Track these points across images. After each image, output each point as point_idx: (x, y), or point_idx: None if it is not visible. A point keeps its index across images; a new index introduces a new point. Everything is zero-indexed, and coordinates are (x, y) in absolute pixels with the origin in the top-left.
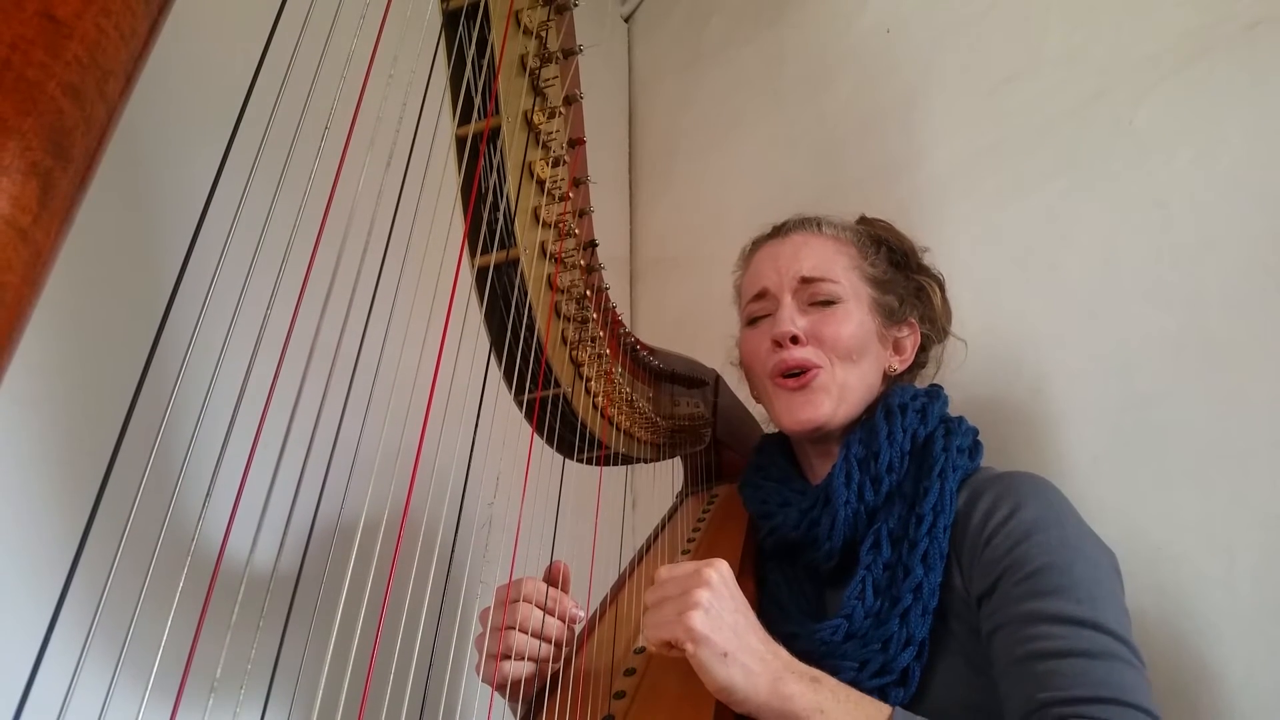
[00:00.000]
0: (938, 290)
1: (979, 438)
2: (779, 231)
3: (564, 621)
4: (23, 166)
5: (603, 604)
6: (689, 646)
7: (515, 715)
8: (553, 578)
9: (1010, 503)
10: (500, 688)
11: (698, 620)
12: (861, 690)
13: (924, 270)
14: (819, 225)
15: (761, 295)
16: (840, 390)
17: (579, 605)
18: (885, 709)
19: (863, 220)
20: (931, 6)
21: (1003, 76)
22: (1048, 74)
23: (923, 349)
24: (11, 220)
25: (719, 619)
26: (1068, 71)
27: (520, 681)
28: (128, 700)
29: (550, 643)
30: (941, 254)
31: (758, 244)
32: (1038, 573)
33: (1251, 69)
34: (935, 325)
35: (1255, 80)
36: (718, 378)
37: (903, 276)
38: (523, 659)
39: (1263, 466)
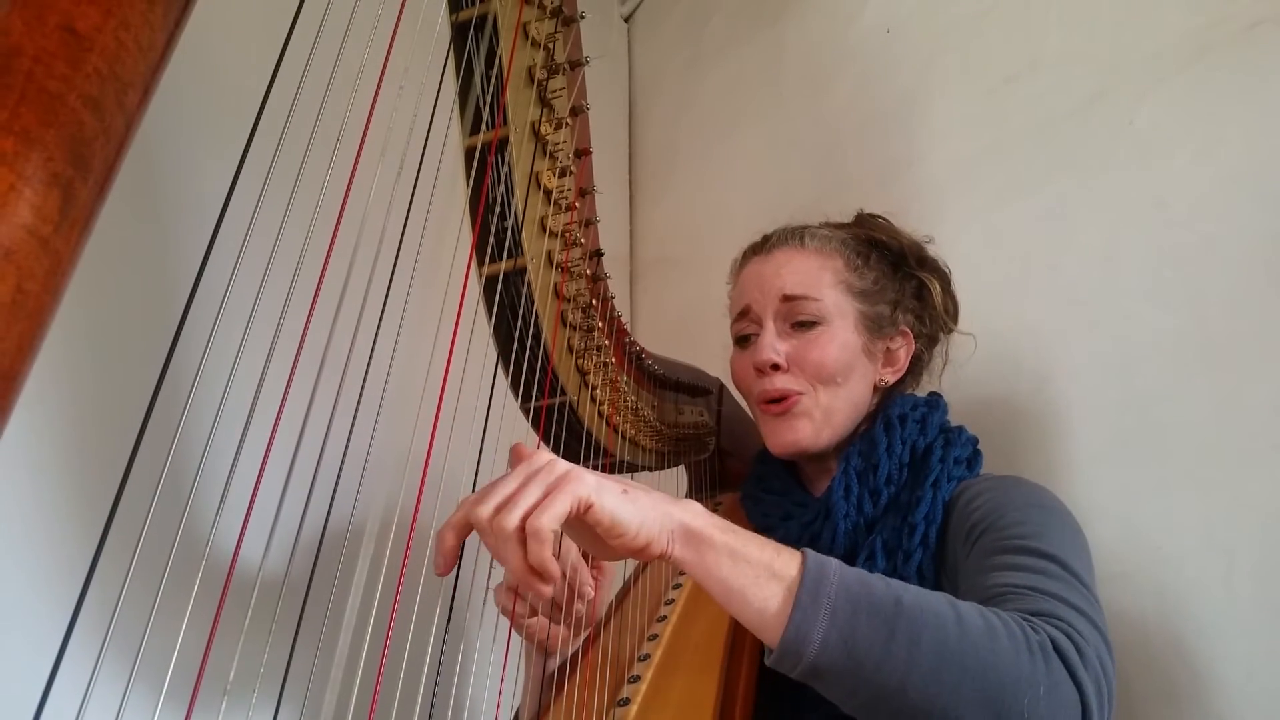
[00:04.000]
0: (938, 286)
1: (979, 447)
2: (764, 245)
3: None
4: (45, 177)
5: (607, 611)
6: (591, 498)
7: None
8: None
9: (993, 490)
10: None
11: (584, 473)
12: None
13: (925, 265)
14: (803, 238)
15: (745, 313)
16: (824, 414)
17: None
18: (795, 551)
19: (859, 218)
20: (931, 6)
21: (1003, 76)
22: (1048, 74)
23: (919, 352)
24: (34, 230)
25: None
26: (1068, 71)
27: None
28: (143, 705)
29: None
30: (941, 254)
31: (746, 257)
32: (1004, 526)
33: (1251, 69)
34: (936, 323)
35: (1255, 80)
36: (721, 386)
37: (898, 278)
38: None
39: (1263, 467)
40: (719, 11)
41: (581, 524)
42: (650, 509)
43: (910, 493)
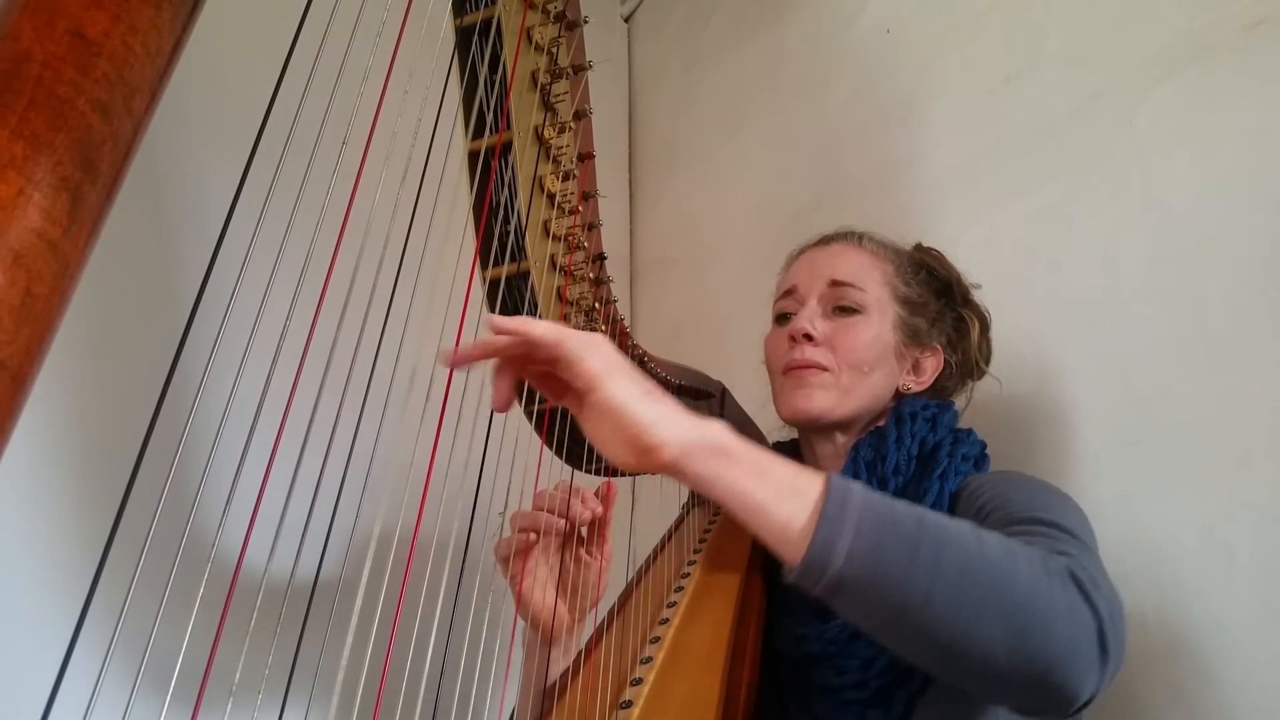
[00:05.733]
0: (977, 326)
1: (987, 450)
2: (823, 240)
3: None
4: (54, 181)
5: (610, 613)
6: (592, 381)
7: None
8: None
9: (996, 480)
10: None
11: (608, 358)
12: (866, 690)
13: (969, 305)
14: (861, 239)
15: (790, 292)
16: (841, 393)
17: (596, 502)
18: (817, 471)
19: (916, 246)
20: (931, 6)
21: (1003, 76)
22: (1048, 74)
23: (946, 376)
24: (42, 233)
25: (632, 371)
26: (1068, 71)
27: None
28: (150, 704)
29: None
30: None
31: (802, 249)
32: (1012, 504)
33: (1251, 69)
34: (968, 358)
35: (1255, 80)
36: (724, 390)
37: (941, 305)
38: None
39: (1263, 466)
40: (719, 12)
41: (595, 414)
42: (672, 415)
43: (918, 485)
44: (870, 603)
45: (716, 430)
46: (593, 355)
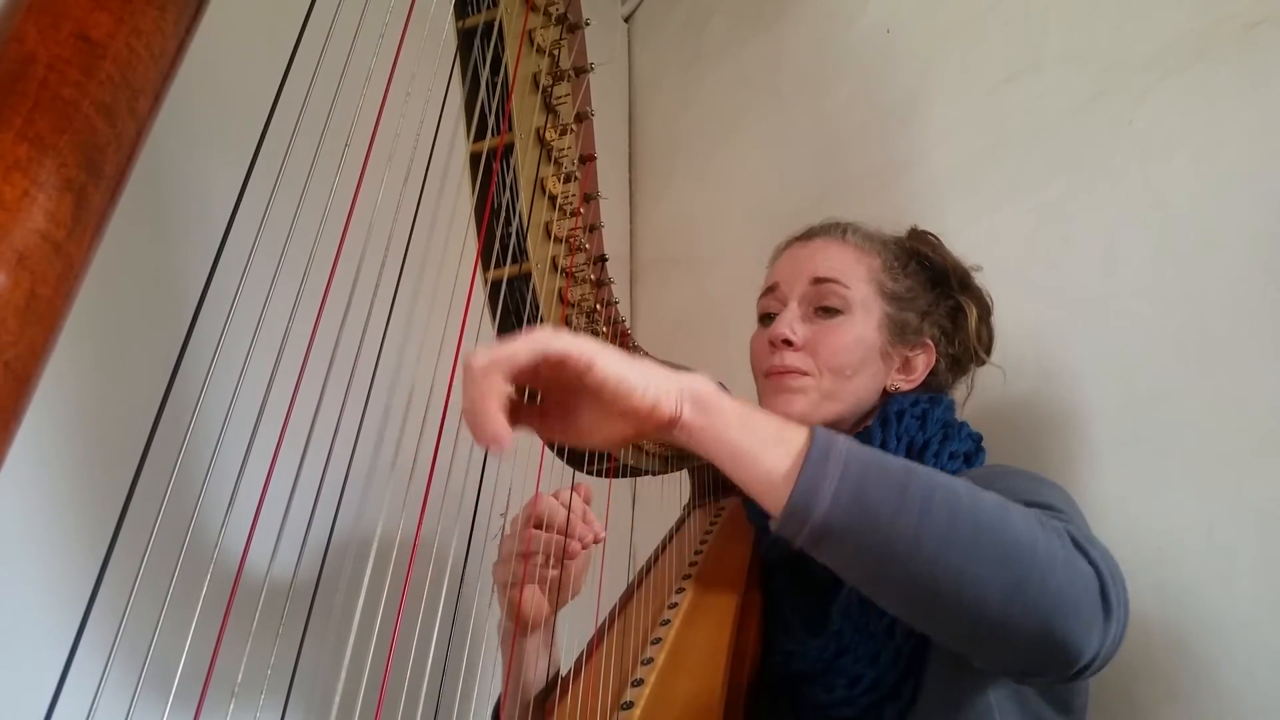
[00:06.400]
0: (975, 313)
1: (983, 444)
2: (807, 234)
3: (584, 547)
4: (58, 182)
5: (611, 614)
6: (588, 357)
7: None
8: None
9: (981, 473)
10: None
11: (588, 339)
12: (854, 706)
13: (967, 290)
14: (845, 232)
15: (772, 289)
16: (821, 396)
17: (599, 525)
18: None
19: (911, 232)
20: (931, 6)
21: (1003, 76)
22: (1048, 74)
23: (940, 370)
24: (47, 234)
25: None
26: (1068, 71)
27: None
28: (152, 707)
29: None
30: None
31: (787, 243)
32: (1002, 491)
33: (1251, 69)
34: (965, 348)
35: (1255, 80)
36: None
37: (935, 295)
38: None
39: (1263, 466)
40: (719, 12)
41: (583, 401)
42: (657, 372)
43: None
44: (856, 549)
45: (701, 381)
46: (580, 341)
